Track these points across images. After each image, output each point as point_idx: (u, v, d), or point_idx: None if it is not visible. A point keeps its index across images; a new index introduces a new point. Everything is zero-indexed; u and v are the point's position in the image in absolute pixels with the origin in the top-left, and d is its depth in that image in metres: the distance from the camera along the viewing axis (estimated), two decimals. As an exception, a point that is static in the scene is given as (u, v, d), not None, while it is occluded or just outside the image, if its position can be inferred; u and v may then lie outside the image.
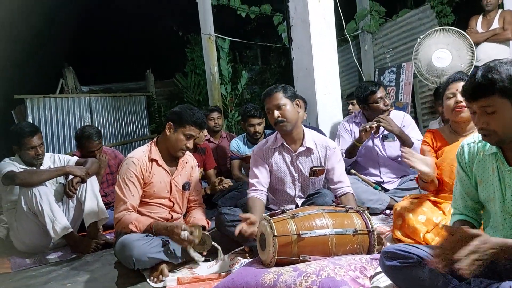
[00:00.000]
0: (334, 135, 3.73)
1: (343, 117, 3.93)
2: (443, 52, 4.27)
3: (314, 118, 3.80)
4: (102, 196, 3.40)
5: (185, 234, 2.32)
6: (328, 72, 3.85)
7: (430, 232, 2.40)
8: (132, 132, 7.81)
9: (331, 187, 2.74)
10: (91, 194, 3.19)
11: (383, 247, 2.28)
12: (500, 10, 4.69)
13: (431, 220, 2.43)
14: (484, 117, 1.50)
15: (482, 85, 1.47)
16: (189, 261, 2.52)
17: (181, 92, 8.28)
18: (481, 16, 4.78)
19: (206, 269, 2.45)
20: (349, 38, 5.24)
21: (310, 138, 2.72)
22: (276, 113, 2.58)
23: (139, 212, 2.58)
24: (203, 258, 2.42)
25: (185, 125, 2.55)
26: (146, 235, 2.44)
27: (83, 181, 3.10)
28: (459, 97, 2.35)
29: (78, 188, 3.11)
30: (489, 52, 4.58)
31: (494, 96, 1.45)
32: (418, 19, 6.11)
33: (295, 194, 2.78)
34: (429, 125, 4.58)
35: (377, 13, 6.67)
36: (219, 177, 3.51)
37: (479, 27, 4.75)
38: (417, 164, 2.32)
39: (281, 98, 2.59)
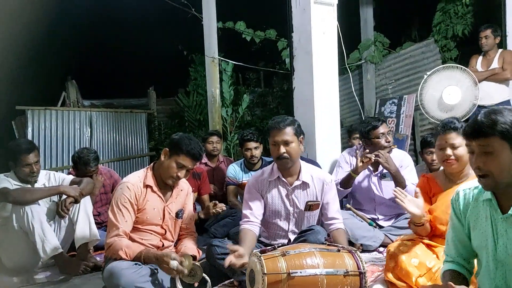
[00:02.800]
0: (332, 167, 3.72)
1: (341, 150, 3.93)
2: (453, 88, 4.33)
3: (312, 149, 3.80)
4: (95, 215, 3.38)
5: (174, 263, 2.29)
6: (329, 104, 3.86)
7: (422, 276, 2.36)
8: (131, 148, 7.80)
9: (325, 222, 2.72)
10: (84, 214, 3.17)
11: None
12: (500, 50, 4.74)
13: (424, 264, 2.39)
14: (482, 157, 1.50)
15: (484, 125, 1.48)
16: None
17: (182, 111, 8.31)
18: (481, 56, 4.82)
19: (194, 301, 2.41)
20: (349, 68, 5.27)
21: (307, 171, 2.71)
22: (282, 149, 2.56)
23: (130, 238, 2.55)
24: None
25: (179, 153, 2.53)
26: (135, 264, 2.40)
27: (76, 201, 3.08)
28: (448, 151, 2.36)
29: (71, 208, 3.10)
30: (488, 92, 4.62)
31: (494, 137, 1.47)
32: (421, 53, 6.18)
33: (288, 228, 2.75)
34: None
35: (381, 44, 6.75)
36: (213, 201, 3.49)
37: (479, 66, 4.79)
38: (408, 205, 2.31)
39: (290, 134, 2.57)
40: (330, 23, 3.86)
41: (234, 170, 4.13)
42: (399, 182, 3.22)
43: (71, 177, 3.42)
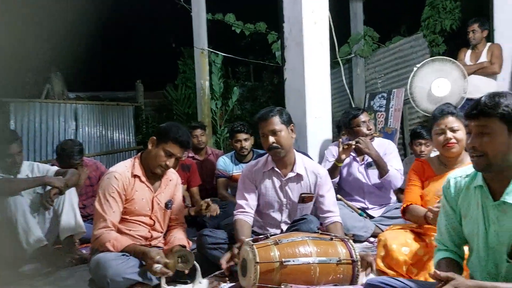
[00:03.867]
0: (323, 159, 3.70)
1: (333, 142, 3.93)
2: (443, 81, 4.34)
3: (304, 141, 3.78)
4: (80, 208, 3.30)
5: (157, 268, 2.24)
6: (320, 95, 3.84)
7: (413, 265, 2.36)
8: (118, 142, 7.70)
9: (321, 215, 2.70)
10: (69, 206, 3.09)
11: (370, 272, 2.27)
12: (488, 44, 4.76)
13: (415, 252, 2.40)
14: (479, 137, 1.52)
15: (486, 105, 1.50)
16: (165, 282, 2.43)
17: (170, 104, 8.24)
18: (470, 49, 4.85)
19: (183, 291, 2.37)
20: (340, 62, 5.27)
21: (301, 164, 2.68)
22: (271, 138, 2.53)
23: (118, 230, 2.50)
24: None
25: (167, 141, 2.48)
26: (123, 255, 2.36)
27: (61, 192, 3.00)
28: (449, 134, 2.37)
29: (56, 200, 3.02)
30: (477, 85, 4.63)
31: (494, 118, 1.49)
32: (410, 47, 6.19)
33: (281, 219, 2.72)
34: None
35: (371, 38, 6.76)
36: (206, 202, 3.36)
37: (467, 60, 4.81)
38: None
39: (277, 124, 2.54)
40: (321, 13, 3.84)
41: (224, 163, 4.08)
42: (381, 167, 3.29)
43: (55, 168, 3.33)
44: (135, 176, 2.55)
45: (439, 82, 4.37)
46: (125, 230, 2.53)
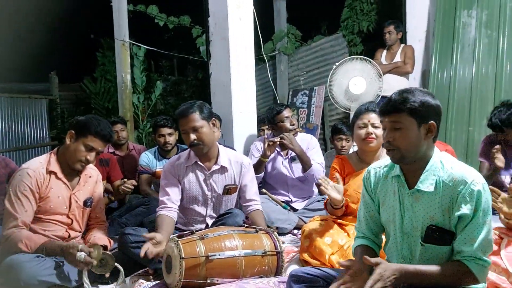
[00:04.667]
0: (248, 153, 3.74)
1: (259, 135, 3.99)
2: (359, 79, 4.55)
3: (230, 135, 3.78)
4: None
5: (81, 255, 2.12)
6: (246, 90, 3.87)
7: (335, 253, 2.47)
8: (30, 137, 7.16)
9: (243, 204, 2.73)
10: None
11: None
12: (402, 45, 5.12)
13: (337, 242, 2.51)
14: (392, 132, 1.62)
15: (396, 102, 1.61)
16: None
17: (88, 98, 7.82)
18: (385, 49, 5.17)
19: (105, 293, 2.27)
20: (265, 58, 5.36)
21: (225, 156, 2.68)
22: (192, 136, 2.49)
23: (31, 230, 2.33)
24: None
25: (87, 135, 2.35)
26: (37, 256, 2.20)
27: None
28: (370, 129, 2.50)
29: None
30: (391, 84, 4.95)
31: (403, 113, 1.59)
32: (330, 46, 6.46)
33: (206, 213, 2.71)
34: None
35: (294, 36, 6.94)
36: (123, 179, 3.28)
37: (383, 59, 5.13)
38: (330, 191, 2.41)
39: (197, 120, 2.49)
40: (246, 9, 3.87)
41: (147, 158, 3.96)
42: (304, 162, 3.39)
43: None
44: (50, 172, 2.39)
45: (356, 80, 4.58)
46: (39, 230, 2.36)
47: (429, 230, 1.62)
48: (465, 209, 1.55)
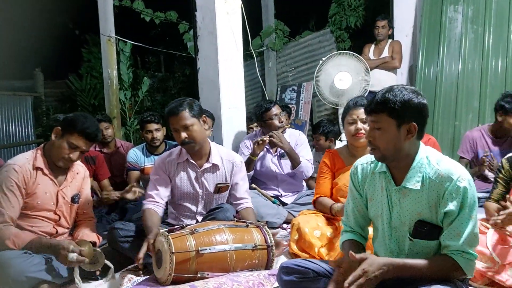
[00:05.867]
0: (237, 149, 3.73)
1: (248, 132, 3.97)
2: (345, 74, 4.55)
3: (218, 131, 3.77)
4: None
5: (73, 257, 2.09)
6: (234, 85, 3.85)
7: (324, 246, 2.49)
8: (15, 135, 7.05)
9: (234, 202, 2.72)
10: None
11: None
12: (390, 40, 5.16)
13: (326, 235, 2.53)
14: (373, 132, 1.63)
15: (377, 102, 1.61)
16: (74, 280, 2.27)
17: (74, 95, 7.72)
18: (373, 45, 5.20)
19: (94, 288, 2.25)
20: (254, 53, 5.34)
21: (217, 153, 2.66)
22: (183, 134, 2.46)
23: (18, 226, 2.29)
24: (83, 286, 2.20)
25: (73, 132, 2.31)
26: (25, 252, 2.16)
27: None
28: (359, 125, 2.51)
29: None
30: (379, 79, 4.99)
31: (383, 114, 1.59)
32: (318, 42, 6.47)
33: (196, 210, 2.68)
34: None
35: (282, 32, 6.93)
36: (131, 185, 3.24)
37: (371, 55, 5.16)
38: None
39: (188, 118, 2.46)
40: (234, 4, 3.84)
41: (135, 155, 3.93)
42: (293, 159, 3.40)
43: None
44: (37, 168, 2.36)
45: (341, 75, 4.58)
46: (26, 227, 2.33)
47: (417, 225, 1.63)
48: (452, 206, 1.56)
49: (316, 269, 1.74)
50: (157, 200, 2.52)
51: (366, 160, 1.83)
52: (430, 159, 1.64)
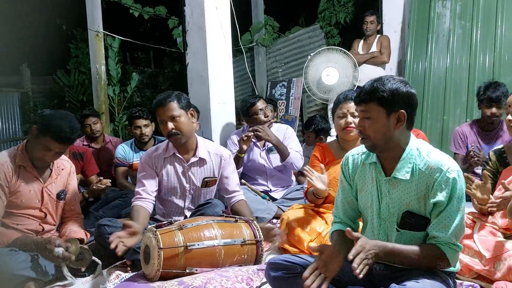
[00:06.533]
0: (227, 145, 3.72)
1: (237, 128, 3.97)
2: (332, 70, 4.55)
3: (208, 126, 3.75)
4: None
5: (59, 251, 2.07)
6: (223, 80, 3.84)
7: (313, 241, 2.49)
8: (1, 132, 6.95)
9: (226, 196, 2.71)
10: None
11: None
12: (378, 35, 5.17)
13: (315, 229, 2.54)
14: (363, 121, 1.64)
15: (366, 92, 1.62)
16: (61, 277, 2.25)
17: (62, 91, 7.62)
18: (362, 40, 5.21)
19: (82, 285, 2.22)
20: (243, 49, 5.32)
21: (204, 147, 2.64)
22: (170, 125, 2.44)
23: (3, 225, 2.26)
24: (76, 280, 2.19)
25: (46, 134, 2.25)
26: (11, 249, 2.13)
27: None
28: (350, 118, 2.51)
29: None
30: (367, 73, 4.99)
31: (372, 103, 1.61)
32: (308, 37, 6.47)
33: (184, 205, 2.66)
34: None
35: (271, 27, 6.91)
36: (99, 178, 3.22)
37: (360, 50, 5.17)
38: (315, 182, 2.43)
39: (175, 109, 2.45)
40: (222, -2, 3.83)
41: (123, 151, 3.89)
42: (282, 151, 3.39)
43: None
44: (19, 166, 2.32)
45: (328, 71, 4.58)
46: (11, 225, 2.30)
47: (404, 216, 1.65)
48: (441, 196, 1.58)
49: (303, 264, 1.73)
50: (144, 196, 2.49)
51: (357, 151, 1.85)
52: (421, 150, 1.66)
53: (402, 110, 1.60)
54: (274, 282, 1.79)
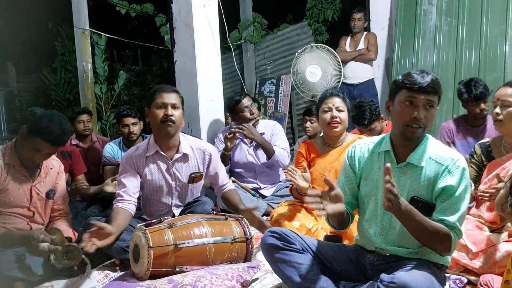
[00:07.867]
0: (214, 143, 3.72)
1: (226, 126, 3.96)
2: (315, 67, 4.57)
3: (196, 124, 3.74)
4: None
5: (44, 246, 2.05)
6: (212, 78, 3.83)
7: (303, 237, 2.50)
8: (-14, 131, 6.86)
9: (217, 190, 2.73)
10: None
11: None
12: (365, 33, 5.20)
13: (305, 225, 2.56)
14: (425, 110, 1.69)
15: (434, 83, 1.68)
16: (49, 276, 2.23)
17: (48, 89, 7.52)
18: (349, 37, 5.23)
19: (70, 285, 2.19)
20: (231, 46, 5.31)
21: (186, 143, 2.62)
22: (171, 110, 2.44)
23: (-11, 223, 2.23)
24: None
25: (36, 136, 2.23)
26: (-5, 250, 2.11)
27: None
28: (335, 112, 2.53)
29: None
30: (355, 70, 5.04)
31: (437, 95, 1.71)
32: (296, 35, 6.48)
33: (172, 203, 2.63)
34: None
35: (260, 24, 6.90)
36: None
37: (347, 47, 5.19)
38: (298, 180, 2.46)
39: (177, 100, 2.50)
40: (210, -4, 3.81)
41: (111, 150, 3.85)
42: (266, 149, 3.41)
43: None
44: (8, 164, 2.29)
45: (311, 69, 4.61)
46: (-2, 224, 2.27)
47: (411, 202, 1.68)
48: (451, 181, 1.66)
49: (301, 246, 1.82)
50: (125, 198, 2.43)
51: (365, 141, 1.92)
52: (433, 141, 1.77)
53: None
54: (268, 249, 1.85)
